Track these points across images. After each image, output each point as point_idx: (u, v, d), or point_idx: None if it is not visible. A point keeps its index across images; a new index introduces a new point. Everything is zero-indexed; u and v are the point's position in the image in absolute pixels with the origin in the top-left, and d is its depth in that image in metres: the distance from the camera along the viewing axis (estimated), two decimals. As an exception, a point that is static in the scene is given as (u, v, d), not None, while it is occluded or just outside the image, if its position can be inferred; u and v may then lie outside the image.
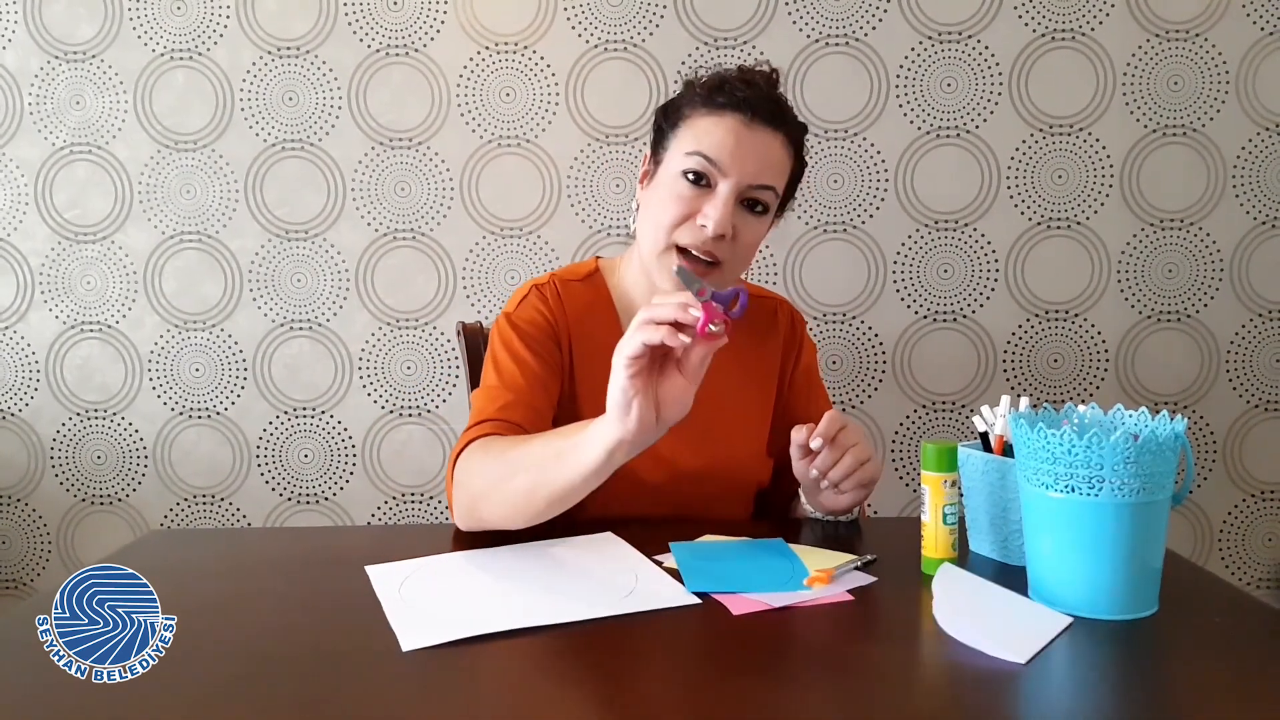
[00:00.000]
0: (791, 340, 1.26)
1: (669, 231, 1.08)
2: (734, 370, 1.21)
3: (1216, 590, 0.88)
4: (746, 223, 1.09)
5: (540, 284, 1.19)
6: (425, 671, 0.71)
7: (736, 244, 1.08)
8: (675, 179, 1.08)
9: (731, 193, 1.06)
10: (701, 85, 1.11)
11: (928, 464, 0.91)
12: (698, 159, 1.06)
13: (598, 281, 1.21)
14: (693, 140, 1.08)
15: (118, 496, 1.98)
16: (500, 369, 1.12)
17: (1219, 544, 1.96)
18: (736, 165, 1.06)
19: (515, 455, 0.97)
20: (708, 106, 1.09)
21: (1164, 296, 1.91)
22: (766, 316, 1.26)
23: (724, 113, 1.07)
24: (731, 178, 1.06)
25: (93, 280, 1.94)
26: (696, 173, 1.06)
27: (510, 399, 1.08)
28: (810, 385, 1.27)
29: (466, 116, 1.89)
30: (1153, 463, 0.77)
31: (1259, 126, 1.86)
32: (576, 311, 1.18)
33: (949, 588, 0.82)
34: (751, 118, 1.06)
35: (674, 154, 1.09)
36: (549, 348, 1.14)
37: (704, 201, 1.07)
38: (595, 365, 1.15)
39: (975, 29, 1.86)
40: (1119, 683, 0.71)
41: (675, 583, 0.88)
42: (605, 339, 1.15)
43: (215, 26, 1.88)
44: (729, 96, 1.07)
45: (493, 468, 0.99)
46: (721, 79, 1.10)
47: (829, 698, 0.68)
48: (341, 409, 1.95)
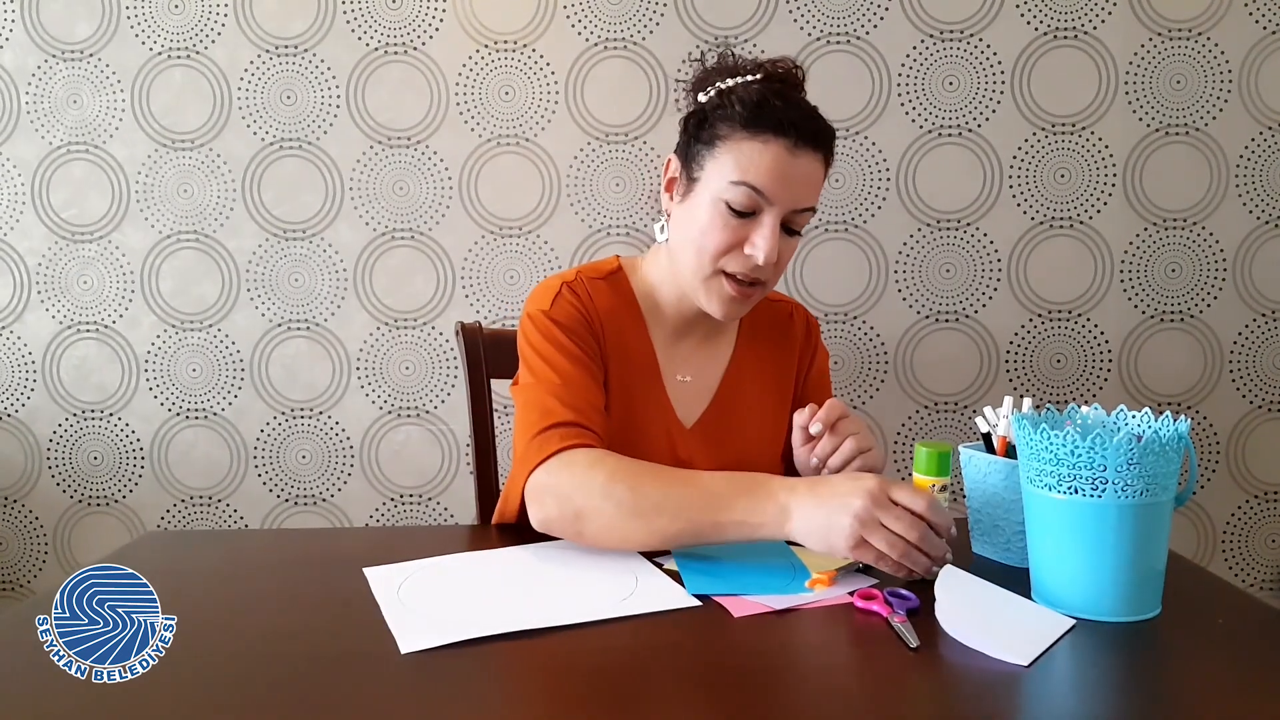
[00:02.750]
0: (807, 345, 1.27)
1: (715, 259, 1.06)
2: (752, 375, 1.21)
3: (1219, 592, 0.88)
4: (787, 244, 1.08)
5: (570, 281, 1.17)
6: (424, 674, 0.70)
7: (778, 264, 1.08)
8: (718, 205, 1.05)
9: (777, 220, 1.05)
10: (739, 102, 1.05)
11: (918, 467, 0.90)
12: (745, 190, 1.03)
13: (620, 280, 1.19)
14: (737, 169, 1.04)
15: (114, 497, 1.98)
16: (554, 366, 1.09)
17: (1222, 545, 1.95)
18: (785, 194, 1.04)
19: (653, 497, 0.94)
20: (749, 129, 1.04)
21: (1167, 296, 1.90)
22: (783, 320, 1.26)
23: (767, 138, 1.03)
24: (778, 206, 1.04)
25: (89, 280, 1.93)
26: (744, 203, 1.04)
27: (577, 399, 1.06)
28: (823, 390, 1.27)
29: (465, 115, 1.89)
30: (1156, 464, 0.77)
31: (1262, 125, 1.86)
32: (605, 308, 1.16)
33: (951, 590, 0.81)
34: (796, 143, 1.03)
35: (714, 176, 1.06)
36: (591, 344, 1.12)
37: (750, 230, 1.05)
38: (622, 362, 1.14)
39: (977, 27, 1.86)
40: (1122, 685, 0.70)
41: (675, 585, 0.87)
42: (630, 337, 1.16)
43: (213, 25, 1.88)
44: (771, 119, 1.03)
45: (615, 498, 0.94)
46: (761, 98, 1.05)
47: (830, 700, 0.67)
48: (339, 409, 1.95)
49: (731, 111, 1.05)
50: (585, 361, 1.10)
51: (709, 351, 1.20)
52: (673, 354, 1.18)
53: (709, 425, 1.17)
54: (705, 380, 1.19)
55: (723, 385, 1.19)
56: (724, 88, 1.09)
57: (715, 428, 1.17)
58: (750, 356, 1.22)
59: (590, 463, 0.98)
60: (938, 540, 0.85)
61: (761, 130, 1.03)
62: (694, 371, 1.18)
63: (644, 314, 1.18)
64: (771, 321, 1.25)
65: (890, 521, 0.84)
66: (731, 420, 1.18)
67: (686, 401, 1.17)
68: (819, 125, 1.06)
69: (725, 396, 1.18)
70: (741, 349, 1.22)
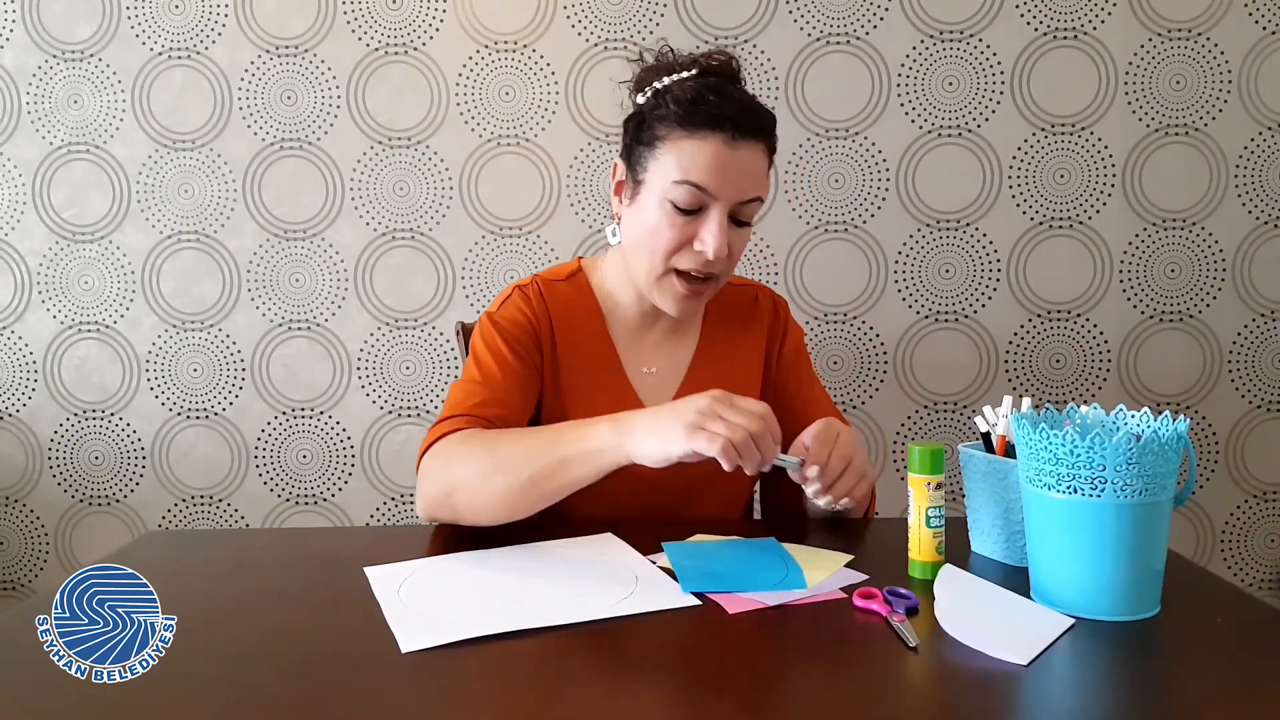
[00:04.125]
0: (776, 324, 1.27)
1: (666, 258, 1.09)
2: (719, 361, 1.22)
3: (1219, 591, 0.88)
4: (738, 235, 1.10)
5: (523, 285, 1.21)
6: (424, 673, 0.71)
7: (730, 256, 1.10)
8: (664, 206, 1.07)
9: (724, 214, 1.06)
10: (674, 101, 1.07)
11: (912, 466, 0.91)
12: (688, 189, 1.05)
13: (580, 281, 1.22)
14: (678, 168, 1.05)
15: (116, 497, 1.98)
16: (480, 365, 1.14)
17: (1221, 545, 1.95)
18: (727, 188, 1.05)
19: (505, 452, 0.99)
20: (686, 127, 1.05)
21: (1166, 296, 1.90)
22: (747, 305, 1.27)
23: (705, 135, 1.04)
24: (722, 200, 1.06)
25: (90, 280, 1.93)
26: (688, 201, 1.06)
27: (487, 396, 1.10)
28: (800, 365, 1.27)
29: (466, 115, 1.89)
30: (1155, 463, 0.77)
31: (1261, 126, 1.86)
32: (559, 310, 1.19)
33: (951, 589, 0.82)
34: (733, 136, 1.04)
35: (657, 177, 1.07)
36: (529, 348, 1.16)
37: (697, 225, 1.07)
38: (580, 361, 1.18)
39: (977, 28, 1.86)
40: (1121, 684, 0.70)
41: (675, 583, 0.87)
42: (589, 335, 1.19)
43: (214, 25, 1.88)
44: (706, 115, 1.04)
45: (476, 462, 1.00)
46: (695, 95, 1.06)
47: (829, 699, 0.67)
48: (340, 409, 1.95)
49: (667, 111, 1.07)
50: (510, 363, 1.13)
51: (674, 343, 1.22)
52: (637, 348, 1.21)
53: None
54: (671, 371, 1.21)
55: (689, 374, 1.21)
56: (659, 87, 1.10)
57: None
58: (716, 343, 1.23)
59: (457, 441, 1.03)
60: (771, 443, 0.90)
61: (698, 127, 1.05)
62: (659, 363, 1.21)
63: (604, 312, 1.21)
64: (736, 307, 1.26)
65: (730, 414, 0.89)
66: None
67: (653, 393, 1.19)
68: (756, 115, 1.07)
69: (691, 385, 1.20)
70: (707, 337, 1.23)
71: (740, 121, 1.04)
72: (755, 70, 1.86)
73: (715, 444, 0.87)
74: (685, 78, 1.09)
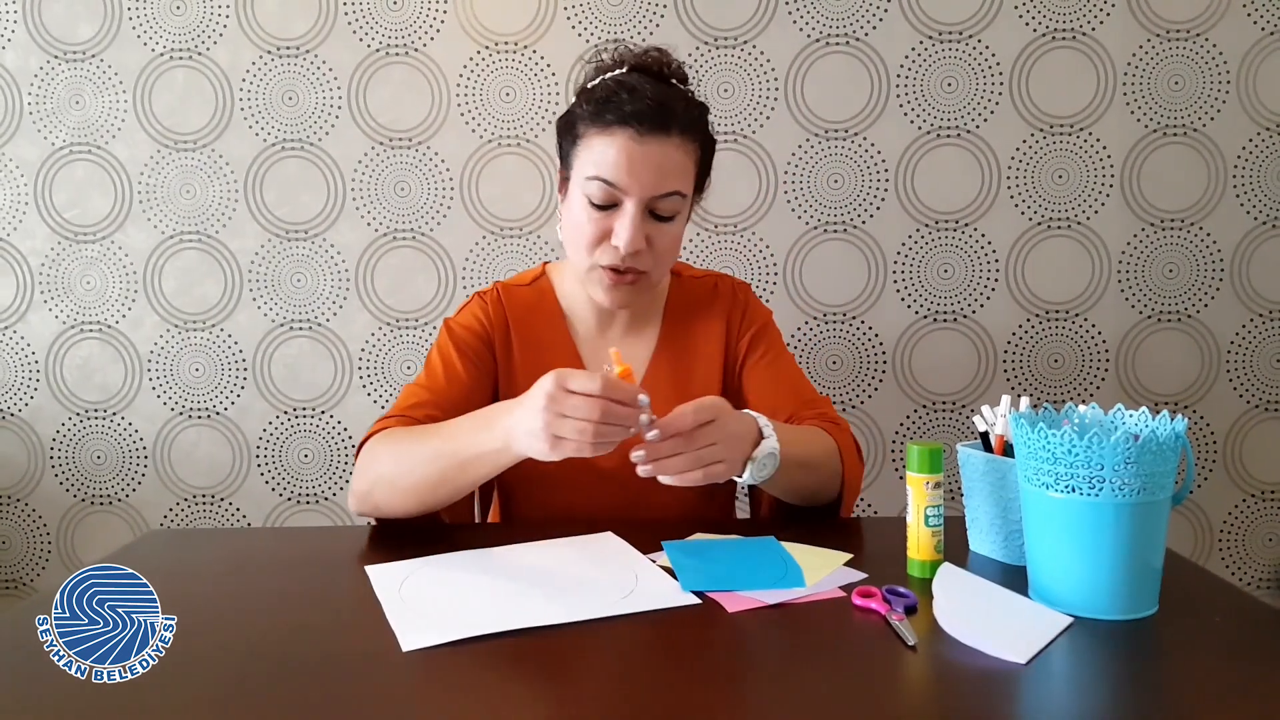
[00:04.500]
0: (735, 308, 1.27)
1: (588, 252, 1.11)
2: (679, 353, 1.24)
3: (1217, 590, 0.88)
4: (660, 230, 1.11)
5: (484, 292, 1.25)
6: (425, 672, 0.71)
7: (655, 251, 1.11)
8: (583, 201, 1.09)
9: (637, 210, 1.07)
10: (588, 98, 1.10)
11: (910, 465, 0.91)
12: (597, 184, 1.07)
13: (544, 285, 1.26)
14: (590, 164, 1.08)
15: (117, 496, 1.98)
16: (428, 369, 1.19)
17: (1219, 544, 1.96)
18: (636, 183, 1.06)
19: (418, 449, 1.03)
20: (597, 125, 1.08)
21: (1164, 296, 1.91)
22: (706, 293, 1.28)
23: (613, 131, 1.06)
24: (633, 195, 1.07)
25: (92, 280, 1.94)
26: (600, 196, 1.07)
27: (426, 398, 1.15)
28: (763, 344, 1.25)
29: (466, 116, 1.89)
30: (1153, 463, 0.77)
31: (1259, 126, 1.86)
32: (518, 314, 1.23)
33: (949, 588, 0.82)
34: (641, 131, 1.05)
35: (577, 173, 1.10)
36: (480, 353, 1.20)
37: (614, 220, 1.09)
38: (540, 361, 1.20)
39: (976, 29, 1.86)
40: (1119, 683, 0.71)
41: (675, 582, 0.88)
42: (551, 337, 1.23)
43: (215, 26, 1.88)
44: (616, 112, 1.06)
45: (392, 459, 1.04)
46: (607, 93, 1.08)
47: (828, 698, 0.68)
48: (341, 409, 1.95)
49: (584, 109, 1.10)
50: (456, 369, 1.18)
51: (634, 339, 1.24)
52: (598, 346, 1.23)
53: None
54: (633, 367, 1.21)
55: (649, 369, 1.23)
56: (587, 87, 1.13)
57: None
58: (675, 336, 1.25)
59: (380, 440, 1.07)
60: (624, 410, 0.87)
61: (608, 124, 1.07)
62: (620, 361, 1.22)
63: (565, 312, 1.24)
64: (697, 297, 1.27)
65: (571, 410, 0.86)
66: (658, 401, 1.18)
67: None
68: (668, 109, 1.06)
69: (653, 379, 1.22)
70: (666, 331, 1.25)
71: (648, 117, 1.05)
72: (755, 71, 1.87)
73: (583, 450, 0.87)
74: (609, 76, 1.12)
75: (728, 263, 1.90)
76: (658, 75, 1.13)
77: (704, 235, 1.89)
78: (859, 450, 1.16)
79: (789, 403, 1.20)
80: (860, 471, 1.15)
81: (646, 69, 1.13)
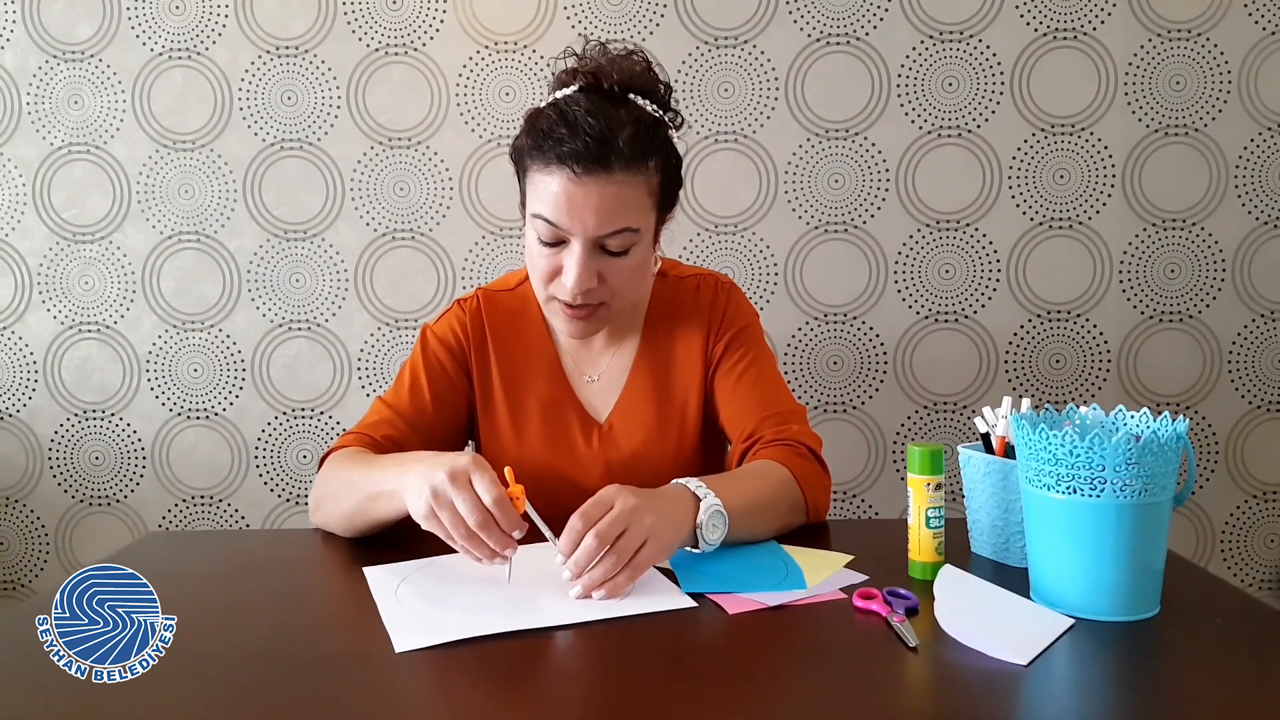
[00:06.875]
0: (715, 311, 1.21)
1: (544, 286, 1.09)
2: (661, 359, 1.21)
3: (1218, 592, 0.88)
4: (612, 265, 1.05)
5: (464, 299, 1.24)
6: (418, 674, 0.71)
7: (610, 285, 1.06)
8: (534, 235, 1.06)
9: (583, 249, 1.02)
10: (532, 128, 1.04)
11: (911, 466, 0.91)
12: (542, 223, 1.03)
13: (527, 291, 1.21)
14: (536, 200, 1.04)
15: (116, 497, 1.98)
16: (398, 386, 1.19)
17: (1221, 545, 1.95)
18: (578, 223, 1.01)
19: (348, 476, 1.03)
20: (537, 161, 1.03)
21: (1166, 297, 1.90)
22: (688, 296, 1.23)
23: (552, 169, 1.01)
24: (578, 236, 1.02)
25: (91, 280, 1.93)
26: (547, 235, 1.04)
27: (388, 416, 1.15)
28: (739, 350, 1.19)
29: (466, 116, 1.89)
30: (1154, 464, 0.77)
31: (1261, 126, 1.86)
32: (498, 321, 1.21)
33: (950, 589, 0.82)
34: (579, 171, 0.99)
35: (529, 206, 1.07)
36: (452, 364, 1.20)
37: (563, 256, 1.05)
38: (521, 369, 1.20)
39: (977, 28, 1.86)
40: (1120, 684, 0.71)
41: (672, 585, 0.87)
42: (533, 344, 1.21)
43: (214, 26, 1.88)
44: (554, 150, 1.00)
45: (333, 482, 1.06)
46: (549, 124, 1.01)
47: (829, 699, 0.67)
48: (340, 410, 1.95)
49: (528, 141, 1.05)
50: (420, 388, 1.17)
51: (616, 348, 1.22)
52: (582, 356, 1.22)
53: (622, 418, 1.19)
54: (615, 376, 1.21)
55: (631, 377, 1.20)
56: (533, 110, 1.08)
57: (628, 420, 1.19)
58: (656, 342, 1.21)
59: (334, 459, 1.09)
60: (500, 535, 0.85)
61: (547, 162, 1.01)
62: (603, 369, 1.21)
63: (548, 319, 1.20)
64: (679, 302, 1.22)
65: (457, 501, 0.85)
66: (639, 410, 1.19)
67: (598, 399, 1.20)
68: (607, 145, 0.99)
69: (634, 388, 1.20)
70: (646, 341, 1.21)
71: (584, 157, 0.98)
72: (755, 70, 1.86)
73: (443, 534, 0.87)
74: (557, 98, 1.06)
75: (728, 263, 1.90)
76: (609, 95, 1.04)
77: (704, 235, 1.89)
78: (822, 465, 1.10)
79: (753, 414, 1.14)
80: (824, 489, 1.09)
81: (597, 87, 1.05)
